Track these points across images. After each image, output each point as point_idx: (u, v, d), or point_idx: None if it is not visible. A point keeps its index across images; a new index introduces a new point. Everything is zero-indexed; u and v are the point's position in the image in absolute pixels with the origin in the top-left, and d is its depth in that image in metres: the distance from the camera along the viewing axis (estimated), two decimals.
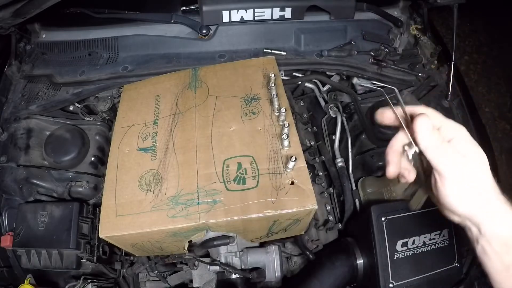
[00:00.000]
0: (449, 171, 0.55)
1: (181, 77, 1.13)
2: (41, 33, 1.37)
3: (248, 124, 0.96)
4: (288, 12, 1.24)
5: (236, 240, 0.97)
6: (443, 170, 0.55)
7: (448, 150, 0.56)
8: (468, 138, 0.57)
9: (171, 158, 0.92)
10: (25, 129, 1.20)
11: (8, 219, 1.10)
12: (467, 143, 0.57)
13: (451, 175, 0.55)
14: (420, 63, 1.31)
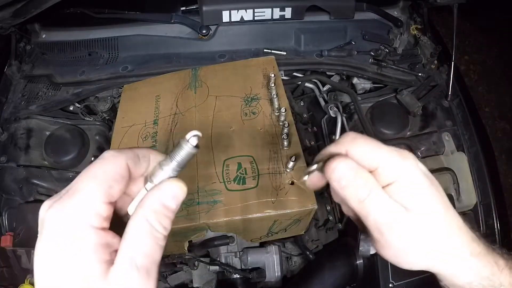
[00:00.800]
0: (383, 229, 0.44)
1: (181, 77, 1.13)
2: (41, 33, 1.37)
3: (248, 124, 0.96)
4: (288, 12, 1.24)
5: (236, 240, 0.97)
6: (373, 227, 0.45)
7: (380, 202, 0.44)
8: (412, 179, 0.45)
9: None
10: (25, 129, 1.20)
11: (8, 219, 1.10)
12: (410, 187, 0.44)
13: (386, 233, 0.44)
14: (420, 63, 1.31)
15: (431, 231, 0.45)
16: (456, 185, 1.11)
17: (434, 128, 1.21)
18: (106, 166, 0.37)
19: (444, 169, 1.11)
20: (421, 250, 0.45)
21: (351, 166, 0.44)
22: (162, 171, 0.39)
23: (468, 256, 0.46)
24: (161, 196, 0.39)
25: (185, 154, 0.39)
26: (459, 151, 1.17)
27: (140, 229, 0.36)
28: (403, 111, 1.21)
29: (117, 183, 0.37)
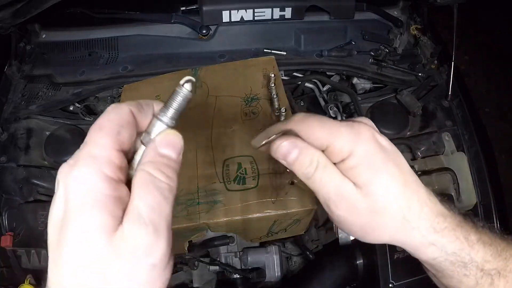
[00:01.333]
0: (331, 206, 0.44)
1: (181, 77, 1.12)
2: (41, 33, 1.37)
3: (248, 124, 0.96)
4: (288, 12, 1.24)
5: (236, 240, 0.97)
6: (323, 203, 0.45)
7: (327, 178, 0.43)
8: (366, 154, 0.43)
9: None
10: (25, 129, 1.20)
11: (8, 219, 1.09)
12: (363, 163, 0.43)
13: (334, 209, 0.44)
14: (420, 63, 1.31)
15: (384, 207, 0.44)
16: (456, 185, 1.11)
17: (434, 128, 1.20)
18: (110, 116, 0.36)
19: (444, 169, 1.11)
20: (373, 226, 0.45)
21: (295, 144, 0.44)
22: (159, 121, 0.38)
23: (430, 231, 0.44)
24: (158, 146, 0.37)
25: (181, 100, 0.38)
26: (459, 151, 1.17)
27: (142, 182, 0.34)
28: (403, 111, 1.21)
29: (124, 129, 0.35)
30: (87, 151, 0.34)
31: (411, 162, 1.11)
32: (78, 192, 0.32)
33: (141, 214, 0.33)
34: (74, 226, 0.31)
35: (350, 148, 0.43)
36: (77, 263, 0.31)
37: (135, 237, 0.32)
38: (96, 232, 0.31)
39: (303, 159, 0.44)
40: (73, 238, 0.31)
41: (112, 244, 0.31)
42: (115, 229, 0.32)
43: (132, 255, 0.32)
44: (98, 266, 0.31)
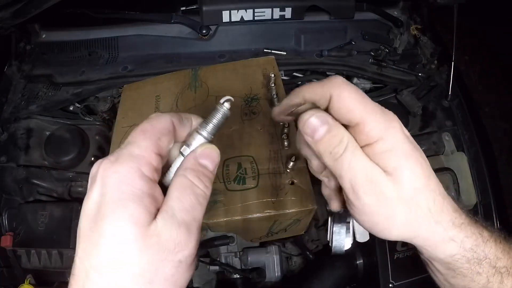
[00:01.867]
0: (360, 191, 0.41)
1: (181, 77, 1.13)
2: (41, 33, 1.37)
3: (248, 124, 0.96)
4: (288, 12, 1.24)
5: (236, 240, 0.97)
6: (349, 188, 0.42)
7: (357, 161, 0.41)
8: (396, 142, 0.42)
9: None
10: (25, 129, 1.20)
11: (8, 219, 1.10)
12: (393, 150, 0.42)
13: (363, 195, 0.41)
14: (420, 63, 1.31)
15: (412, 198, 0.42)
16: (456, 185, 1.11)
17: (434, 128, 1.20)
18: (153, 122, 0.39)
19: (444, 169, 1.11)
20: (400, 218, 0.42)
21: (325, 120, 0.42)
22: (198, 135, 0.41)
23: (450, 226, 0.44)
24: (197, 156, 0.40)
25: (220, 117, 0.43)
26: (459, 151, 1.17)
27: (180, 185, 0.38)
28: (403, 111, 1.21)
29: (165, 136, 0.39)
30: (129, 150, 0.36)
31: None
32: (117, 187, 0.34)
33: (175, 214, 0.36)
34: (112, 218, 0.34)
35: (380, 132, 0.41)
36: (111, 252, 0.33)
37: (167, 234, 0.34)
38: (132, 225, 0.34)
39: (333, 137, 0.41)
40: (109, 229, 0.34)
41: (146, 237, 0.34)
42: (149, 223, 0.34)
43: (162, 249, 0.34)
44: (129, 257, 0.33)
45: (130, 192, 0.34)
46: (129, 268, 0.33)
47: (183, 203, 0.37)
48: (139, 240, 0.34)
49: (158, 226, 0.35)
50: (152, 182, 0.36)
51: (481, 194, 1.15)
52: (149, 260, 0.34)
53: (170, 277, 0.35)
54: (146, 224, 0.34)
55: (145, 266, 0.34)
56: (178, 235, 0.35)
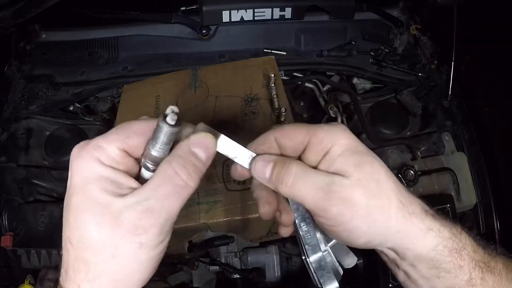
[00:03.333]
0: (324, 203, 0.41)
1: (181, 77, 1.13)
2: (41, 33, 1.37)
3: (248, 124, 0.96)
4: (288, 12, 1.24)
5: (236, 240, 0.97)
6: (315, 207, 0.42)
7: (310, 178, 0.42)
8: (348, 143, 0.43)
9: None
10: (25, 129, 1.20)
11: (8, 219, 1.10)
12: (347, 152, 0.43)
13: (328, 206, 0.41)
14: (420, 63, 1.31)
15: (380, 190, 0.41)
16: (456, 185, 1.11)
17: (434, 128, 1.20)
18: (133, 122, 0.41)
19: (444, 169, 1.11)
20: (375, 216, 0.41)
21: (268, 159, 0.45)
22: (151, 152, 0.40)
23: (424, 215, 0.43)
24: (191, 143, 0.40)
25: (163, 135, 0.39)
26: (459, 151, 1.17)
27: (161, 173, 0.38)
28: (403, 111, 1.21)
29: (136, 136, 0.40)
30: (97, 140, 0.39)
31: (411, 162, 1.11)
32: (78, 171, 0.39)
33: (145, 200, 0.37)
34: (75, 198, 0.38)
35: (331, 138, 0.43)
36: (76, 226, 0.38)
37: (127, 215, 0.36)
38: (90, 203, 0.37)
39: (281, 169, 0.44)
40: (73, 206, 0.38)
41: (104, 214, 0.37)
42: (109, 203, 0.37)
43: (119, 227, 0.36)
44: (89, 230, 0.37)
45: (89, 175, 0.38)
46: (91, 241, 0.37)
47: (156, 191, 0.37)
48: (97, 215, 0.36)
49: (119, 205, 0.37)
50: (112, 169, 0.39)
51: (481, 194, 1.15)
52: (107, 236, 0.36)
53: (133, 256, 0.37)
54: (106, 203, 0.37)
55: (105, 241, 0.36)
56: (140, 219, 0.36)
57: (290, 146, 0.45)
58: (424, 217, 0.43)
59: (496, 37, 2.81)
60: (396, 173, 1.07)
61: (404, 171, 1.06)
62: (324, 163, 0.44)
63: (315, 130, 0.44)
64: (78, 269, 0.38)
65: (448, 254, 0.43)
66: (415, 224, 0.43)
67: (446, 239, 0.43)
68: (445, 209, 1.05)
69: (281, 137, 0.46)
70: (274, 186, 0.45)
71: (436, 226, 0.43)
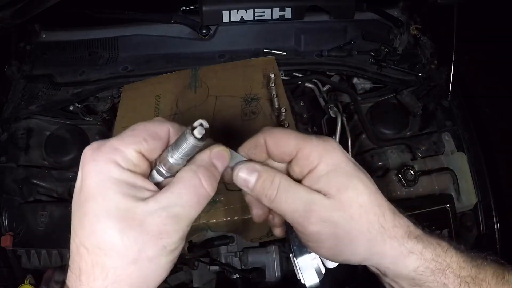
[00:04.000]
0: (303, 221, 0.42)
1: (181, 77, 1.13)
2: (41, 33, 1.37)
3: (248, 124, 0.96)
4: (288, 12, 1.24)
5: (236, 240, 0.98)
6: (294, 222, 0.43)
7: (293, 194, 0.42)
8: (335, 161, 0.43)
9: None
10: (25, 129, 1.20)
11: (8, 219, 1.10)
12: (333, 171, 0.42)
13: (307, 224, 0.42)
14: (420, 63, 1.31)
15: (361, 215, 0.42)
16: (456, 185, 1.11)
17: (434, 128, 1.20)
18: (148, 124, 0.41)
19: (444, 169, 1.11)
20: (353, 238, 0.42)
21: (253, 168, 0.44)
22: (169, 160, 0.40)
23: (406, 239, 0.43)
24: (212, 156, 0.41)
25: (187, 146, 0.39)
26: (459, 151, 1.17)
27: (186, 181, 0.39)
28: (403, 111, 1.21)
29: (152, 139, 0.40)
30: (112, 142, 0.39)
31: (411, 162, 1.11)
32: (94, 174, 0.38)
33: (169, 206, 0.38)
34: (93, 202, 0.37)
35: (319, 155, 0.43)
36: (94, 231, 0.37)
37: (152, 220, 0.37)
38: (111, 207, 0.36)
39: (264, 181, 0.44)
40: (91, 211, 0.37)
41: (127, 219, 0.36)
42: (131, 207, 0.37)
43: (144, 232, 0.36)
44: (111, 236, 0.36)
45: (107, 179, 0.37)
46: (111, 246, 0.36)
47: (181, 199, 0.38)
48: (120, 221, 0.36)
49: (143, 211, 0.37)
50: (130, 172, 0.38)
51: (481, 194, 1.15)
52: (131, 241, 0.36)
53: (155, 259, 0.37)
54: (128, 208, 0.37)
55: (128, 246, 0.36)
56: (165, 225, 0.37)
57: (278, 154, 0.45)
58: (406, 240, 0.43)
59: (496, 37, 2.81)
60: (396, 173, 1.07)
61: (404, 171, 1.06)
62: (308, 180, 0.44)
63: (304, 143, 0.44)
64: (94, 275, 0.37)
65: (430, 274, 0.43)
66: (394, 248, 0.43)
67: (429, 261, 0.43)
68: (445, 209, 1.05)
69: (270, 143, 0.45)
70: (256, 196, 0.45)
71: (418, 248, 0.43)
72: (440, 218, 1.04)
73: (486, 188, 1.15)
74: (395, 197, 1.07)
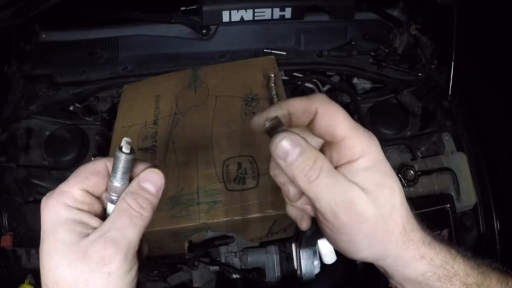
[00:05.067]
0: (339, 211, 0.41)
1: (181, 77, 1.13)
2: (41, 33, 1.37)
3: (248, 124, 0.96)
4: (288, 12, 1.24)
5: (236, 240, 0.97)
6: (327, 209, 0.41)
7: (335, 181, 0.41)
8: (377, 159, 0.42)
9: (171, 158, 0.92)
10: (25, 129, 1.20)
11: (8, 219, 1.10)
12: (374, 167, 0.42)
13: (342, 215, 0.41)
14: (420, 63, 1.31)
15: (391, 215, 0.42)
16: (456, 185, 1.11)
17: (434, 128, 1.20)
18: (87, 164, 0.45)
19: (444, 169, 1.11)
20: (378, 236, 0.42)
21: (297, 142, 0.41)
22: (113, 184, 0.44)
23: (421, 243, 0.44)
24: (140, 180, 0.45)
25: (122, 164, 0.43)
26: (459, 151, 1.17)
27: (117, 208, 0.43)
28: (403, 111, 1.21)
29: (93, 176, 0.44)
30: (60, 186, 0.44)
31: (411, 162, 1.11)
32: (47, 217, 0.42)
33: (106, 232, 0.41)
34: (46, 241, 0.41)
35: (363, 148, 0.42)
36: (49, 268, 0.40)
37: (93, 248, 0.40)
38: (59, 244, 0.40)
39: (307, 159, 0.40)
40: (45, 250, 0.41)
41: (73, 252, 0.40)
42: (77, 242, 0.40)
43: (89, 261, 0.39)
44: (61, 270, 0.39)
45: (57, 220, 0.41)
46: (65, 280, 0.39)
47: (115, 223, 0.42)
48: (67, 255, 0.39)
49: (86, 242, 0.40)
50: (77, 210, 0.42)
51: (481, 194, 1.15)
52: (78, 272, 0.39)
53: (104, 286, 0.40)
54: (73, 242, 0.40)
55: (76, 278, 0.39)
56: (105, 250, 0.40)
57: (323, 130, 0.43)
58: (420, 245, 0.44)
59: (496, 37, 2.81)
60: (396, 173, 1.07)
61: (404, 171, 1.06)
62: (346, 170, 0.42)
63: (353, 132, 0.42)
64: None
65: (437, 280, 0.44)
66: (410, 251, 0.43)
67: (437, 267, 0.44)
68: (445, 209, 1.05)
69: (321, 115, 0.42)
70: (292, 174, 0.41)
71: (430, 254, 0.44)
72: (440, 218, 1.04)
73: (486, 188, 1.15)
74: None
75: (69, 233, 0.40)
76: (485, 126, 1.28)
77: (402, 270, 0.44)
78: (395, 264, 0.44)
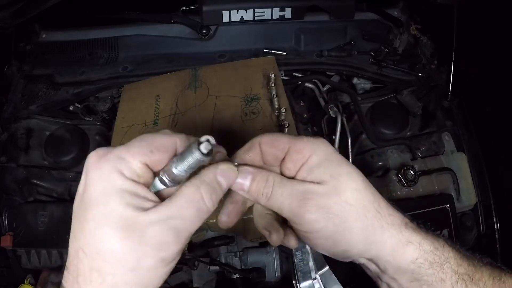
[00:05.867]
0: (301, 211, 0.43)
1: (181, 77, 1.13)
2: (41, 33, 1.37)
3: (248, 124, 0.96)
4: (288, 12, 1.24)
5: (236, 240, 0.98)
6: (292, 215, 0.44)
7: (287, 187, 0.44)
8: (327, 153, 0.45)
9: None
10: (25, 129, 1.20)
11: (8, 219, 1.10)
12: (325, 161, 0.44)
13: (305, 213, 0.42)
14: (420, 63, 1.31)
15: (356, 200, 0.43)
16: (456, 185, 1.11)
17: (434, 128, 1.20)
18: (156, 136, 0.42)
19: (444, 169, 1.11)
20: (351, 224, 0.42)
21: (247, 171, 0.46)
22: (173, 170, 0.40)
23: (403, 227, 0.43)
24: (217, 173, 0.42)
25: (193, 160, 0.39)
26: (459, 151, 1.17)
27: (188, 196, 0.40)
28: (403, 111, 1.21)
29: (159, 152, 0.40)
30: (119, 151, 0.40)
31: (411, 162, 1.11)
32: (98, 182, 0.38)
33: (170, 219, 0.38)
34: (95, 209, 0.38)
35: (311, 149, 0.45)
36: (94, 237, 0.37)
37: (153, 232, 0.37)
38: (113, 216, 0.37)
39: (259, 182, 0.45)
40: (93, 218, 0.37)
41: (128, 228, 0.37)
42: (132, 217, 0.37)
43: (144, 243, 0.37)
44: (111, 243, 0.37)
45: (110, 188, 0.38)
46: (111, 253, 0.37)
47: (183, 213, 0.39)
48: (122, 229, 0.37)
49: (145, 221, 0.37)
50: (133, 182, 0.39)
51: (481, 194, 1.15)
52: (130, 249, 0.37)
53: (153, 269, 0.38)
54: (130, 217, 0.37)
55: (127, 254, 0.37)
56: (165, 237, 0.38)
57: (272, 152, 0.46)
58: (403, 229, 0.44)
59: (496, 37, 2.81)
60: (396, 173, 1.07)
61: (404, 171, 1.06)
62: (302, 172, 0.45)
63: (296, 140, 0.46)
64: (90, 279, 0.37)
65: (429, 267, 0.43)
66: (393, 235, 0.43)
67: (427, 253, 0.44)
68: (445, 209, 1.05)
69: (264, 143, 0.47)
70: (253, 197, 0.47)
71: (416, 239, 0.44)
72: (440, 218, 1.04)
73: (486, 188, 1.15)
74: (395, 197, 1.07)
75: (126, 206, 0.37)
76: (485, 126, 1.28)
77: (391, 259, 0.44)
78: (382, 254, 0.44)
